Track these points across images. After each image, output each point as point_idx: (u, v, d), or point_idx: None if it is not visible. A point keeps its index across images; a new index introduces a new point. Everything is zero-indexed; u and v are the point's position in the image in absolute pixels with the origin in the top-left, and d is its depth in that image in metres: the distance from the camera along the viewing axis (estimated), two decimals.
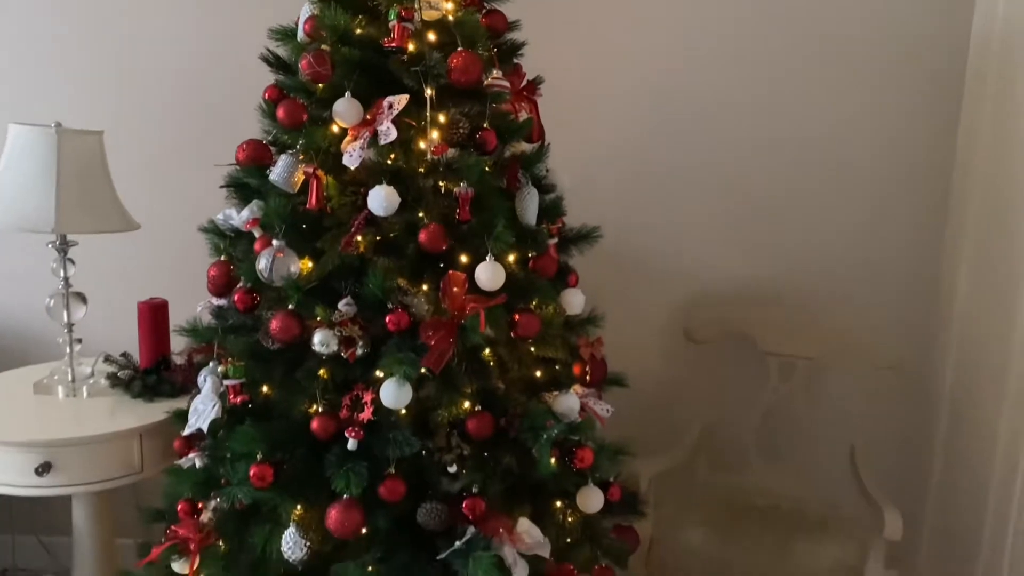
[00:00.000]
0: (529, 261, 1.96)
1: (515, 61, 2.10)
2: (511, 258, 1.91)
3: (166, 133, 2.83)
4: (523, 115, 2.09)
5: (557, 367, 2.05)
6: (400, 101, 1.81)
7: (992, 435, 2.46)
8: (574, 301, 2.05)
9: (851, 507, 2.62)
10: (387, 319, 1.78)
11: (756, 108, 2.79)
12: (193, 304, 2.08)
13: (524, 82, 2.10)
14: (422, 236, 1.80)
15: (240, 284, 1.93)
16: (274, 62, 2.03)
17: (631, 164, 2.83)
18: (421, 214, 1.83)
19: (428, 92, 1.83)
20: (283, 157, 1.88)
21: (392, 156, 1.84)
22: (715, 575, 2.29)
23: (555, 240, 2.06)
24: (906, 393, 2.90)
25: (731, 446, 2.78)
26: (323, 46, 1.83)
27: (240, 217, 1.98)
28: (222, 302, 2.07)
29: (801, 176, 2.82)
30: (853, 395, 2.82)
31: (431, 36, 1.86)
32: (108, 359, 2.55)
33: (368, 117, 1.84)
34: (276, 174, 1.88)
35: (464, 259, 1.86)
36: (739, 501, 2.62)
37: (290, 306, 1.81)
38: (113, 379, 2.50)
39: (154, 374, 2.48)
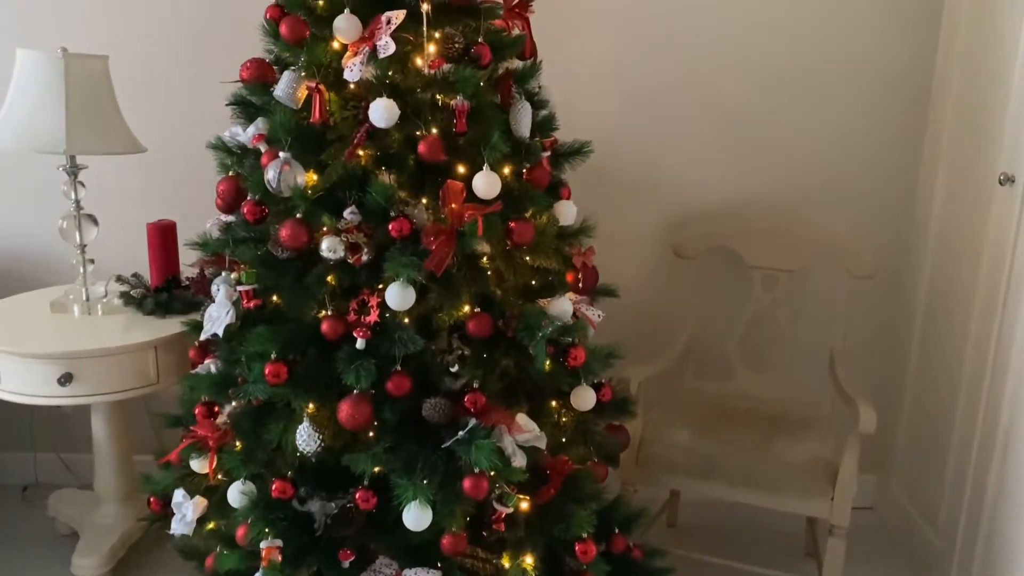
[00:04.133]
0: (523, 173, 2.06)
1: None
2: (506, 170, 2.00)
3: (170, 57, 2.88)
4: (516, 32, 2.16)
5: (551, 276, 2.17)
6: (397, 16, 1.88)
7: (963, 335, 2.60)
8: (567, 212, 2.16)
9: (830, 407, 2.77)
10: (390, 226, 1.88)
11: (742, 24, 2.86)
12: (201, 225, 2.17)
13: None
14: (421, 147, 1.89)
15: (248, 197, 2.02)
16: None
17: (618, 82, 2.91)
18: (420, 128, 1.92)
19: (425, 8, 1.91)
20: (286, 74, 1.97)
21: (391, 71, 1.92)
22: (700, 470, 2.43)
23: (548, 154, 2.15)
24: (883, 301, 3.04)
25: (716, 354, 2.92)
26: None
27: (246, 133, 2.07)
28: (231, 218, 2.17)
29: (784, 92, 2.90)
30: (833, 304, 2.95)
31: None
32: (120, 279, 2.66)
33: (367, 33, 1.92)
34: (280, 90, 1.96)
35: (462, 170, 1.96)
36: (723, 404, 2.77)
37: (298, 215, 1.91)
38: (126, 298, 2.61)
39: (165, 292, 2.59)
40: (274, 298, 2.06)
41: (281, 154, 1.90)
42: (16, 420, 3.13)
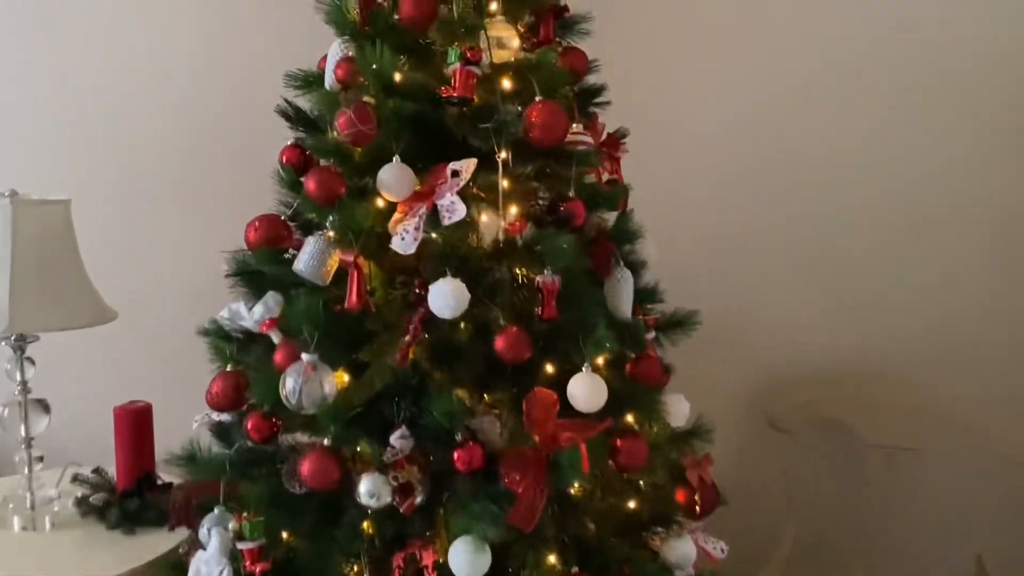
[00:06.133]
0: (627, 365, 1.53)
1: (591, 109, 1.69)
2: (600, 359, 1.47)
3: (149, 199, 2.36)
4: (605, 176, 1.68)
5: (658, 496, 1.62)
6: (467, 167, 1.38)
7: None
8: (679, 411, 1.63)
9: None
10: (455, 456, 1.34)
11: (849, 152, 2.40)
12: (183, 407, 1.67)
13: (604, 134, 1.68)
14: (499, 344, 1.36)
15: (254, 404, 1.48)
16: (293, 116, 1.59)
17: (702, 217, 2.42)
18: (496, 315, 1.39)
19: (501, 155, 1.41)
20: (311, 240, 1.44)
21: (458, 240, 1.40)
22: None
23: (652, 334, 1.63)
24: None
25: (827, 555, 2.35)
26: (365, 97, 1.40)
27: (252, 316, 1.53)
28: (227, 417, 1.63)
29: (901, 231, 2.42)
30: (977, 494, 2.39)
31: (505, 83, 1.43)
32: (77, 478, 2.08)
33: (424, 188, 1.41)
34: (303, 263, 1.44)
35: (550, 369, 1.43)
36: None
37: (326, 441, 1.36)
38: (83, 504, 2.02)
39: (135, 496, 2.00)
40: (285, 535, 1.50)
41: (304, 356, 1.35)
42: None
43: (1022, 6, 2.32)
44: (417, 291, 1.42)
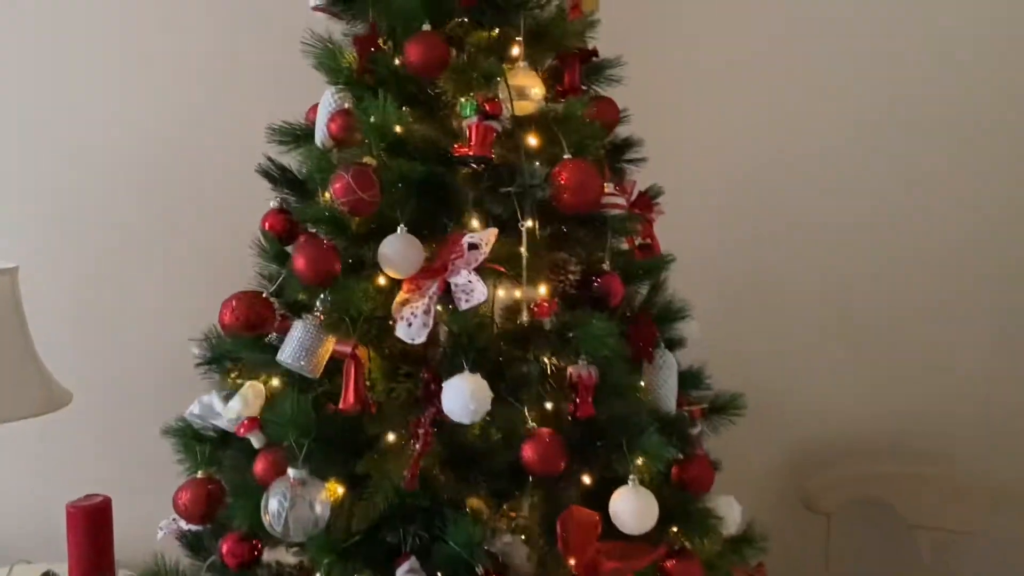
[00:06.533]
0: (674, 470, 1.30)
1: (620, 165, 1.47)
2: (639, 461, 1.24)
3: (109, 266, 2.08)
4: (637, 240, 1.45)
5: None
6: (487, 239, 1.16)
7: None
8: (731, 516, 1.39)
9: None
10: None
11: (885, 207, 2.21)
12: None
13: (635, 193, 1.46)
14: (528, 453, 1.13)
15: (228, 516, 1.24)
16: (278, 177, 1.36)
17: (727, 276, 2.20)
18: (523, 417, 1.16)
19: (527, 223, 1.18)
20: (299, 325, 1.21)
21: (476, 323, 1.17)
22: None
23: (699, 429, 1.40)
24: None
25: None
26: (365, 158, 1.17)
27: (228, 413, 1.29)
28: (198, 528, 1.38)
29: (945, 292, 2.22)
30: None
31: (531, 140, 1.21)
32: None
33: (435, 263, 1.18)
34: (289, 352, 1.20)
35: (587, 479, 1.20)
36: None
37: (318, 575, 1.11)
38: None
39: None
40: None
41: (291, 472, 1.11)
42: None
43: None
44: (427, 385, 1.19)
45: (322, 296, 1.21)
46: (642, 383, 1.28)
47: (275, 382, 1.27)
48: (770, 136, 2.20)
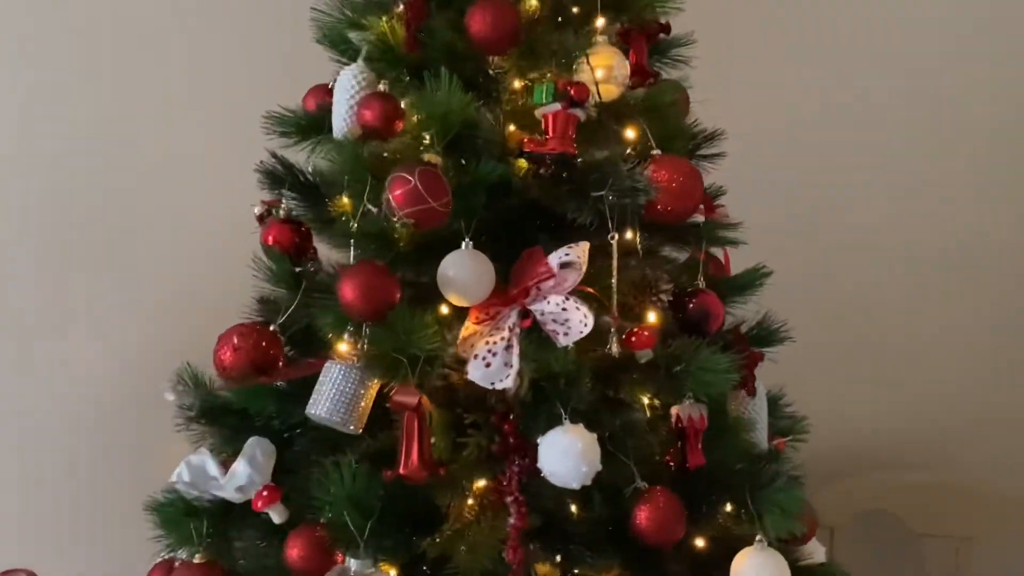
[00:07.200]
0: None
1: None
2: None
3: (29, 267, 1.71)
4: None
5: None
6: (580, 254, 0.93)
7: None
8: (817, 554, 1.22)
9: None
10: None
11: (901, 212, 2.10)
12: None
13: None
14: (642, 519, 0.92)
15: None
16: (284, 176, 1.09)
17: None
18: (632, 475, 0.94)
19: (627, 234, 0.97)
20: (336, 368, 0.94)
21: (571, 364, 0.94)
22: None
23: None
24: None
25: None
26: (427, 155, 0.91)
27: (232, 479, 1.01)
28: None
29: (936, 289, 2.13)
30: None
31: (629, 133, 0.99)
32: None
33: (514, 289, 0.95)
34: (326, 405, 0.93)
35: (700, 543, 0.99)
36: None
37: None
38: None
39: None
40: None
41: (352, 563, 0.86)
42: None
43: None
44: (505, 440, 0.95)
45: (364, 334, 0.94)
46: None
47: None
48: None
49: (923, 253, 2.14)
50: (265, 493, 0.98)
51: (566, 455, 0.88)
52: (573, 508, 0.96)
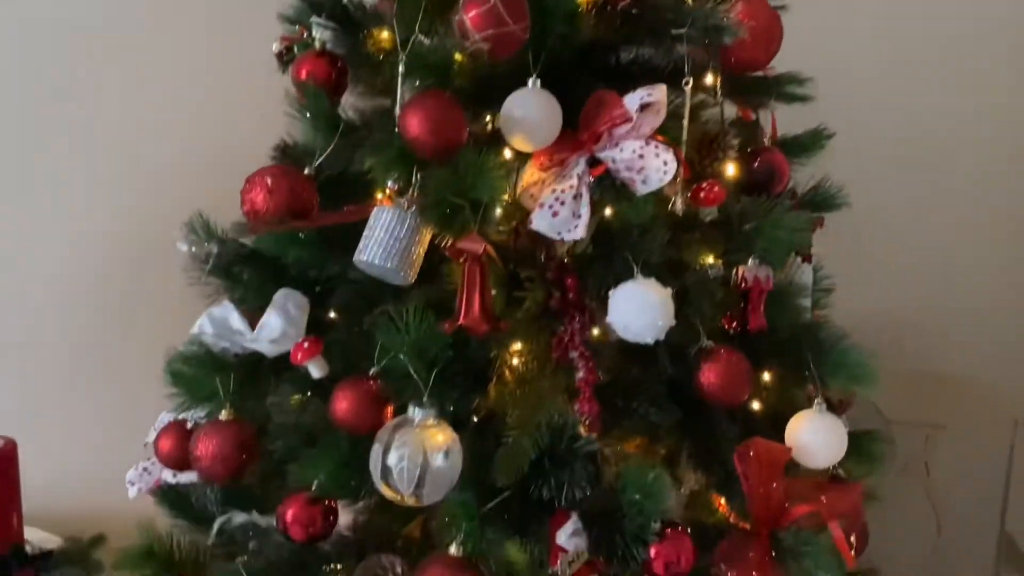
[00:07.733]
0: None
1: None
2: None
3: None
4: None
5: None
6: (659, 96, 0.86)
7: None
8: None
9: None
10: (652, 554, 0.86)
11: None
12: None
13: None
14: (709, 378, 0.90)
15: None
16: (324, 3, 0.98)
17: None
18: (699, 329, 0.90)
19: (707, 79, 0.90)
20: (387, 213, 0.86)
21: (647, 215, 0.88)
22: None
23: None
24: None
25: None
26: None
27: (265, 332, 0.93)
28: (188, 477, 1.05)
29: (916, 200, 2.12)
30: (1000, 467, 2.22)
31: None
32: None
33: (582, 135, 0.88)
34: (376, 251, 0.86)
35: (755, 406, 0.97)
36: None
37: (452, 549, 0.82)
38: None
39: None
40: None
41: (416, 412, 0.80)
42: None
43: None
44: (565, 294, 0.90)
45: (416, 179, 0.86)
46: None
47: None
48: None
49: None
50: (306, 345, 0.91)
51: (643, 308, 0.83)
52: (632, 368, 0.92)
